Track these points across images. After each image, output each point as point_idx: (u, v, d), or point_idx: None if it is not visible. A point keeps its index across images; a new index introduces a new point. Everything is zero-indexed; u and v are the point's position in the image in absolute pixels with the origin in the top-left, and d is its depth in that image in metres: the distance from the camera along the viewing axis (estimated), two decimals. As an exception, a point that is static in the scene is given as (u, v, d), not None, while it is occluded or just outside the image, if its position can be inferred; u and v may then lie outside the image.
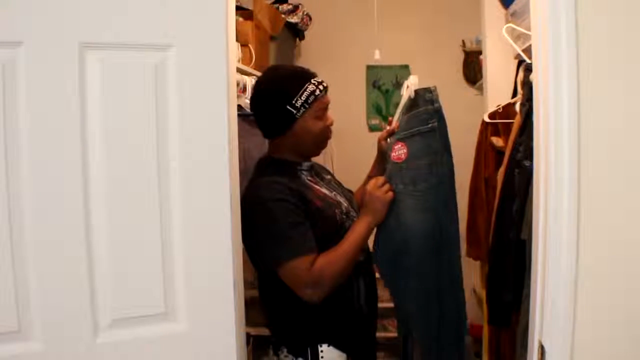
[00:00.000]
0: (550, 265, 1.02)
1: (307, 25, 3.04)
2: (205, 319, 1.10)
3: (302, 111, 1.41)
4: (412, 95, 1.46)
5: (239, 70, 1.99)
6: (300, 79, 1.42)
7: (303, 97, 1.40)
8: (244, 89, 2.00)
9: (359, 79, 3.40)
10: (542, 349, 1.04)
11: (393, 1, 3.19)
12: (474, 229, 2.27)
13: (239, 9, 2.17)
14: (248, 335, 1.99)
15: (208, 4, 1.07)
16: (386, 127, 1.60)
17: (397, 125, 1.51)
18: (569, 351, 0.99)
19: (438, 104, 1.44)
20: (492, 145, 2.16)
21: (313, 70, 1.48)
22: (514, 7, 2.23)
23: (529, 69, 1.49)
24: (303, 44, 3.24)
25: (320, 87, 1.43)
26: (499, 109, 2.18)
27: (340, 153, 2.97)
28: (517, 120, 1.66)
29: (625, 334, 1.01)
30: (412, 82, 1.46)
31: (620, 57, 0.98)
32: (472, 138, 2.32)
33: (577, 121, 0.97)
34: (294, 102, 1.39)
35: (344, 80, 3.07)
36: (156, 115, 1.04)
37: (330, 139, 1.53)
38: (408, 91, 1.47)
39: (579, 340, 0.99)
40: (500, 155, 1.99)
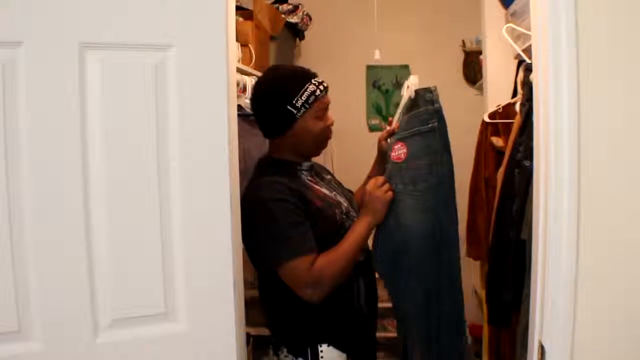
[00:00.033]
0: (550, 265, 1.02)
1: (307, 25, 3.04)
2: (205, 319, 1.10)
3: (302, 111, 1.41)
4: (412, 95, 1.46)
5: (239, 70, 1.98)
6: (300, 79, 1.42)
7: (303, 97, 1.40)
8: (244, 89, 2.00)
9: (359, 79, 3.40)
10: (542, 349, 1.04)
11: (393, 1, 3.19)
12: (474, 229, 2.27)
13: (239, 9, 2.17)
14: (248, 335, 1.99)
15: (208, 4, 1.07)
16: (386, 127, 1.60)
17: (397, 126, 1.51)
18: (569, 351, 0.99)
19: (438, 104, 1.44)
20: (492, 145, 2.16)
21: (313, 70, 1.48)
22: (514, 7, 2.23)
23: (529, 69, 1.49)
24: (303, 44, 3.24)
25: (321, 88, 1.43)
26: (499, 109, 2.18)
27: (340, 153, 2.96)
28: (517, 120, 1.66)
29: (625, 334, 1.01)
30: (413, 82, 1.46)
31: (620, 57, 0.98)
32: (472, 138, 2.32)
33: (577, 121, 0.97)
34: (294, 102, 1.39)
35: (344, 80, 3.07)
36: (156, 115, 1.04)
37: (330, 139, 1.53)
38: (408, 91, 1.47)
39: (579, 340, 0.99)
40: (500, 155, 1.99)
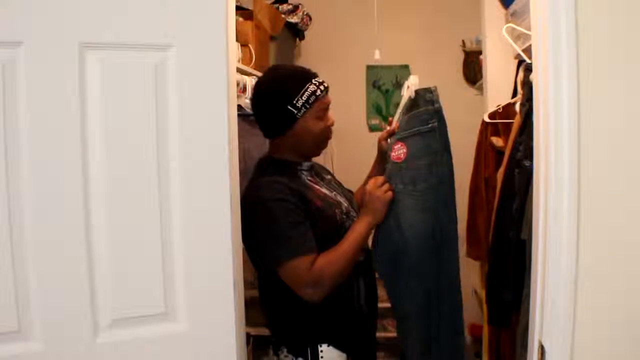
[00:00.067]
0: (550, 265, 1.02)
1: (307, 25, 3.04)
2: (205, 319, 1.10)
3: (303, 111, 1.41)
4: (412, 95, 1.46)
5: (239, 70, 1.98)
6: (301, 79, 1.42)
7: (304, 97, 1.40)
8: (244, 89, 2.00)
9: (359, 79, 3.40)
10: (542, 349, 1.04)
11: (393, 1, 3.19)
12: (474, 229, 2.27)
13: (239, 9, 2.17)
14: (248, 335, 1.99)
15: (208, 4, 1.07)
16: (386, 127, 1.60)
17: (397, 126, 1.51)
18: (569, 351, 0.99)
19: (438, 104, 1.44)
20: (492, 145, 2.16)
21: (313, 70, 1.48)
22: (514, 7, 2.23)
23: (529, 69, 1.49)
24: (303, 44, 3.24)
25: (322, 88, 1.43)
26: (499, 109, 2.18)
27: (340, 153, 2.96)
28: (517, 120, 1.66)
29: (625, 334, 1.01)
30: (413, 82, 1.46)
31: (620, 57, 0.98)
32: (472, 138, 2.32)
33: (577, 121, 0.97)
34: (295, 102, 1.39)
35: (344, 80, 3.07)
36: (156, 115, 1.04)
37: (330, 139, 1.53)
38: (408, 91, 1.47)
39: (579, 340, 0.99)
40: (500, 155, 1.99)
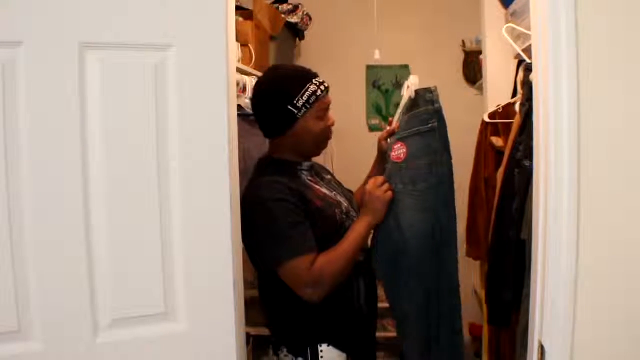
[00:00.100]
0: (550, 265, 1.02)
1: (307, 25, 3.04)
2: (205, 319, 1.10)
3: (303, 111, 1.41)
4: (412, 95, 1.46)
5: (239, 70, 1.98)
6: (302, 79, 1.42)
7: (305, 97, 1.40)
8: (244, 89, 2.00)
9: (359, 79, 3.40)
10: (542, 349, 1.04)
11: (393, 1, 3.19)
12: (474, 229, 2.27)
13: (239, 9, 2.17)
14: (248, 335, 1.99)
15: (208, 4, 1.07)
16: (386, 127, 1.60)
17: (397, 126, 1.51)
18: (569, 351, 0.99)
19: (438, 105, 1.44)
20: (492, 145, 2.16)
21: (313, 70, 1.48)
22: (514, 7, 2.23)
23: (529, 69, 1.49)
24: (303, 44, 3.24)
25: (322, 88, 1.43)
26: (499, 109, 2.18)
27: (340, 153, 2.96)
28: (517, 120, 1.66)
29: (625, 334, 1.01)
30: (413, 83, 1.46)
31: (620, 57, 0.98)
32: (472, 138, 2.32)
33: (577, 121, 0.97)
34: (295, 102, 1.39)
35: (344, 80, 3.07)
36: (156, 115, 1.04)
37: (330, 139, 1.53)
38: (409, 91, 1.47)
39: (579, 340, 0.99)
40: (500, 155, 1.99)
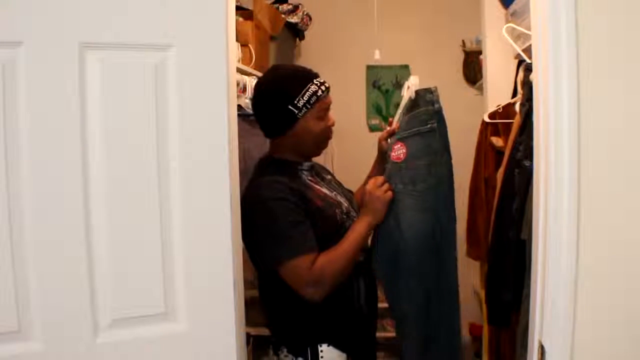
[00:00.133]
0: (550, 265, 1.02)
1: (307, 25, 3.04)
2: (205, 319, 1.10)
3: (304, 111, 1.41)
4: (412, 95, 1.46)
5: (239, 70, 1.98)
6: (302, 79, 1.42)
7: (305, 97, 1.40)
8: (244, 89, 2.00)
9: (359, 79, 3.40)
10: (542, 349, 1.04)
11: (393, 1, 3.18)
12: (474, 229, 2.27)
13: (239, 9, 2.17)
14: (248, 335, 1.99)
15: (208, 4, 1.07)
16: (386, 127, 1.60)
17: (397, 126, 1.51)
18: (569, 351, 0.99)
19: (438, 105, 1.44)
20: (492, 145, 2.16)
21: (314, 70, 1.48)
22: (514, 7, 2.23)
23: (529, 69, 1.49)
24: (303, 44, 3.24)
25: (323, 88, 1.43)
26: (499, 109, 2.18)
27: (340, 153, 2.96)
28: (517, 120, 1.66)
29: (625, 334, 1.01)
30: (413, 83, 1.46)
31: (620, 57, 0.98)
32: (472, 138, 2.32)
33: (577, 121, 0.97)
34: (296, 102, 1.39)
35: (344, 80, 3.06)
36: (156, 115, 1.04)
37: (331, 140, 1.53)
38: (409, 92, 1.47)
39: (579, 340, 0.99)
40: (500, 155, 1.99)
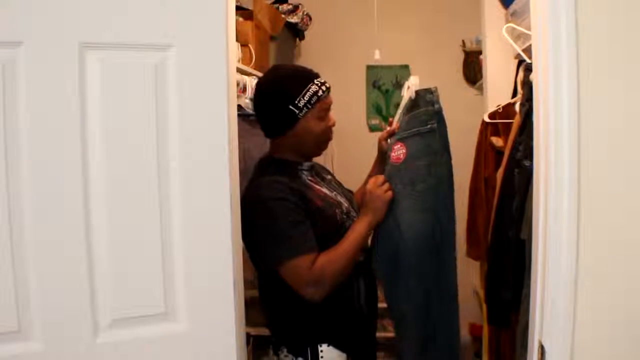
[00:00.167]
0: (550, 265, 1.02)
1: (307, 25, 3.04)
2: (205, 319, 1.10)
3: (304, 111, 1.41)
4: (412, 96, 1.46)
5: (239, 70, 1.98)
6: (303, 79, 1.42)
7: (306, 97, 1.40)
8: (244, 89, 2.00)
9: (359, 79, 3.40)
10: (542, 349, 1.04)
11: (393, 1, 3.18)
12: (474, 229, 2.27)
13: (239, 9, 2.17)
14: (248, 335, 1.99)
15: (208, 4, 1.07)
16: (386, 127, 1.60)
17: (397, 126, 1.51)
18: (569, 351, 0.99)
19: (438, 105, 1.44)
20: (492, 145, 2.16)
21: (314, 70, 1.48)
22: (514, 6, 2.23)
23: (529, 69, 1.49)
24: (303, 44, 3.24)
25: (323, 88, 1.43)
26: (499, 109, 2.18)
27: (340, 153, 2.96)
28: (516, 120, 1.66)
29: (625, 334, 1.01)
30: (413, 83, 1.46)
31: (620, 57, 0.98)
32: (472, 138, 2.32)
33: (577, 121, 0.97)
34: (296, 102, 1.39)
35: (344, 80, 3.06)
36: (156, 115, 1.04)
37: (331, 140, 1.53)
38: (409, 92, 1.47)
39: (579, 340, 0.99)
40: (500, 155, 1.99)
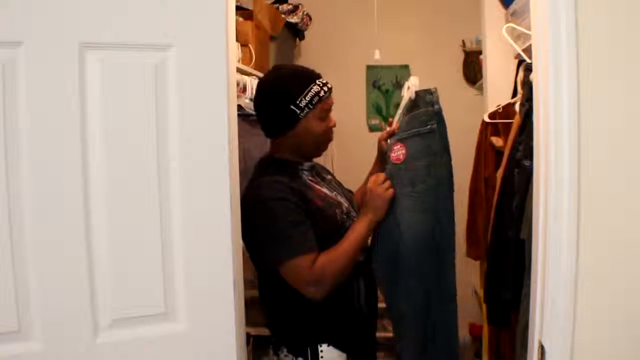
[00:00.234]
0: (550, 265, 1.02)
1: (307, 25, 3.04)
2: (205, 319, 1.10)
3: (305, 111, 1.41)
4: (412, 96, 1.46)
5: (239, 70, 1.98)
6: (304, 80, 1.42)
7: (307, 97, 1.40)
8: (244, 89, 2.00)
9: (359, 79, 3.40)
10: (542, 348, 1.04)
11: (393, 1, 3.18)
12: (473, 229, 2.27)
13: (239, 9, 2.17)
14: (248, 335, 1.99)
15: (208, 4, 1.07)
16: (386, 127, 1.60)
17: (397, 126, 1.51)
18: (569, 351, 0.99)
19: (438, 106, 1.44)
20: (492, 145, 2.16)
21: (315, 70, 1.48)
22: (514, 6, 2.23)
23: (529, 69, 1.49)
24: (303, 44, 3.24)
25: (325, 89, 1.43)
26: (499, 109, 2.18)
27: (340, 153, 2.96)
28: (516, 120, 1.66)
29: (625, 334, 1.01)
30: (413, 83, 1.46)
31: (620, 57, 0.98)
32: (472, 138, 2.32)
33: (577, 121, 0.97)
34: (298, 102, 1.40)
35: (344, 80, 3.06)
36: (156, 115, 1.04)
37: (332, 141, 1.53)
38: (409, 92, 1.46)
39: (579, 340, 0.99)
40: (500, 155, 1.99)
